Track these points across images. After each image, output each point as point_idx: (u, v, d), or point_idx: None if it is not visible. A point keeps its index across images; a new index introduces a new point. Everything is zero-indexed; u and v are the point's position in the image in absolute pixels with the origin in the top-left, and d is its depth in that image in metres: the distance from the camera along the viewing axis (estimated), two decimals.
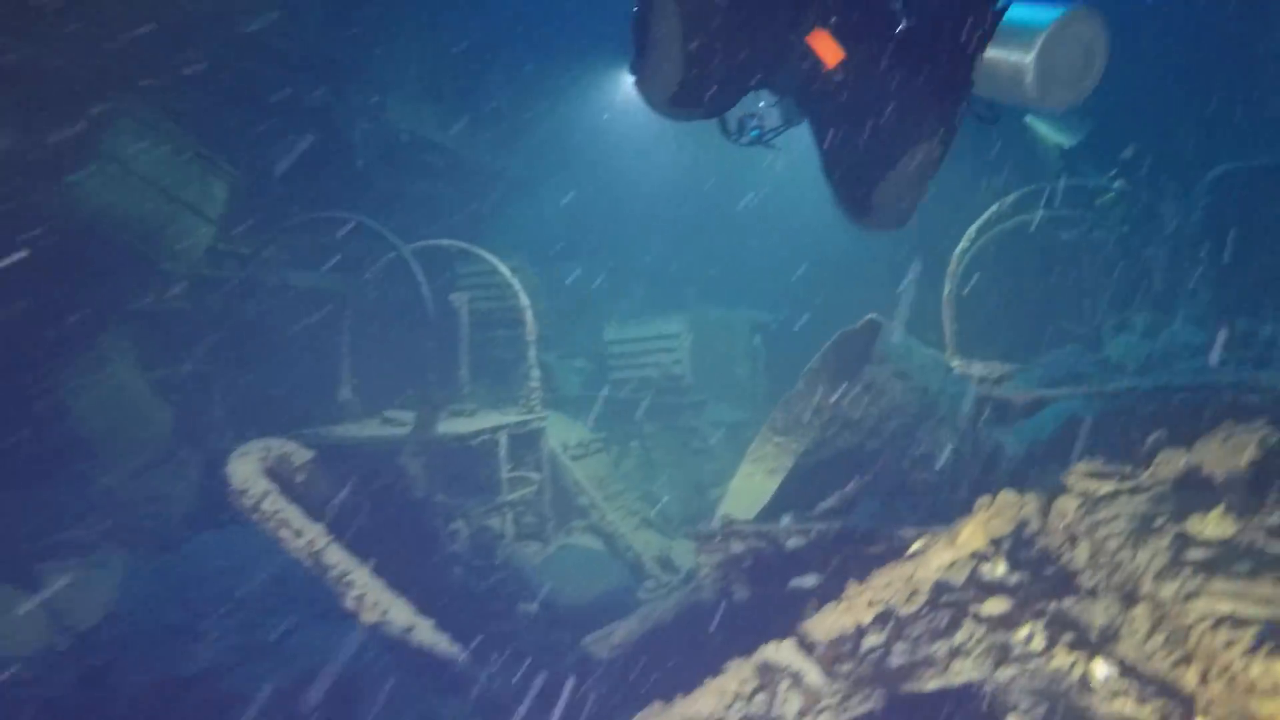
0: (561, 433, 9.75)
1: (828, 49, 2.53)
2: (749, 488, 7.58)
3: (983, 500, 2.67)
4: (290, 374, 10.42)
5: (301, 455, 3.38)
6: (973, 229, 8.95)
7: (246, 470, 2.98)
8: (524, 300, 8.20)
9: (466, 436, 6.75)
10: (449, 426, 7.51)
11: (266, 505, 2.94)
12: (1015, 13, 2.48)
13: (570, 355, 13.09)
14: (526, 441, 8.25)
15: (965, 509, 3.68)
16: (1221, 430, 2.58)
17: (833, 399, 5.61)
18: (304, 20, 10.84)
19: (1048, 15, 2.44)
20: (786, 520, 3.84)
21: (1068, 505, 2.67)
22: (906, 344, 6.40)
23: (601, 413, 12.17)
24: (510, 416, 8.11)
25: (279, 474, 3.20)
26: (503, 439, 7.44)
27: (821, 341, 7.88)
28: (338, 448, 6.14)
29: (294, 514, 2.99)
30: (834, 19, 2.57)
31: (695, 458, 11.99)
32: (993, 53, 2.48)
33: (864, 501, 4.18)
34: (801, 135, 2.95)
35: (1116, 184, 9.14)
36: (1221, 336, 7.02)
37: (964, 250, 9.41)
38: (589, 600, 6.49)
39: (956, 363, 8.29)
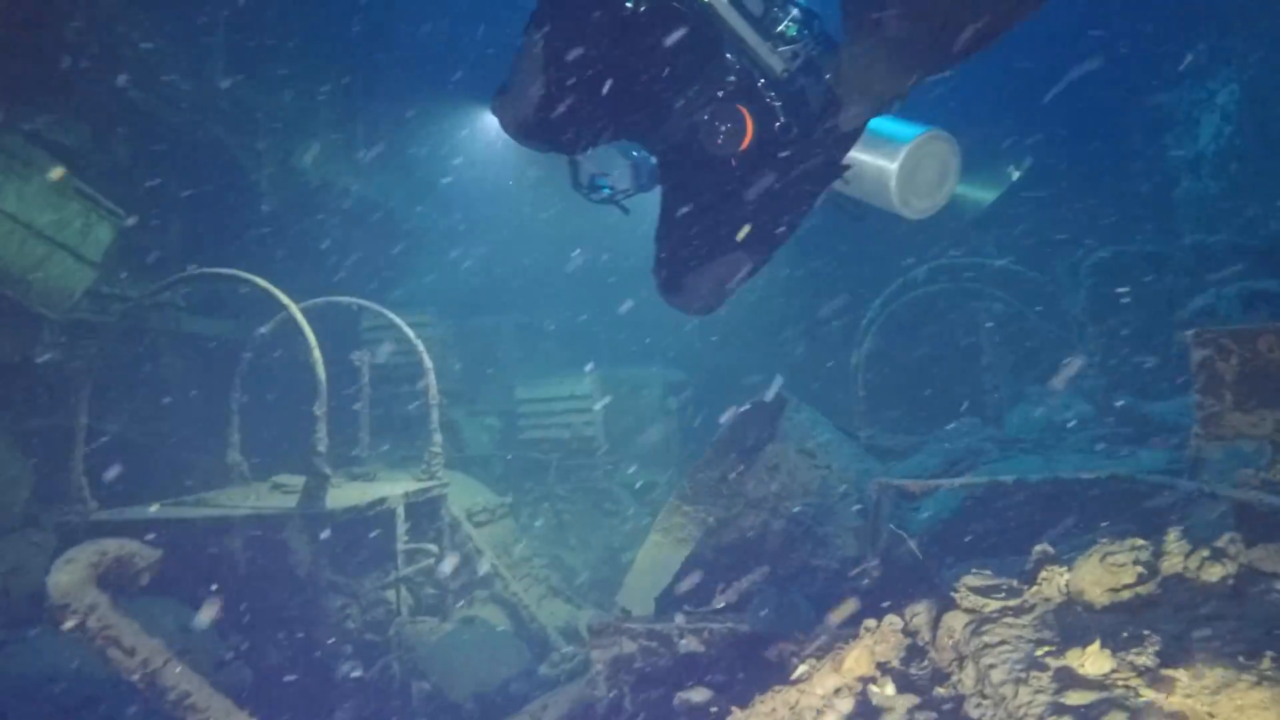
0: (465, 497, 9.40)
1: (749, 126, 2.54)
2: (656, 560, 7.40)
3: (869, 623, 2.58)
4: (175, 430, 9.80)
5: (147, 555, 3.04)
6: (879, 300, 9.17)
7: (70, 580, 2.65)
8: (426, 362, 7.91)
9: (360, 508, 6.38)
10: (345, 492, 7.12)
11: (93, 622, 2.61)
12: (885, 126, 2.61)
13: (480, 413, 12.75)
14: (426, 509, 7.88)
15: (865, 602, 3.60)
16: (1099, 549, 2.57)
17: (734, 476, 5.53)
18: (206, 57, 10.48)
19: (913, 130, 2.60)
20: (680, 619, 3.69)
21: (955, 623, 2.61)
22: (813, 419, 6.41)
23: (510, 474, 11.87)
24: (410, 483, 7.75)
25: (116, 578, 2.87)
26: (400, 508, 7.08)
27: (734, 406, 7.87)
28: (208, 523, 5.71)
29: (127, 629, 2.67)
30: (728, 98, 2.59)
31: (607, 520, 11.77)
32: (862, 157, 2.60)
33: (761, 593, 4.07)
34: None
35: (1006, 262, 9.56)
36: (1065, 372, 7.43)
37: (871, 320, 9.63)
38: (485, 682, 6.15)
39: (864, 434, 8.40)
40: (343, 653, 5.89)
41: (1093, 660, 2.06)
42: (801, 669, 2.54)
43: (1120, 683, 2.00)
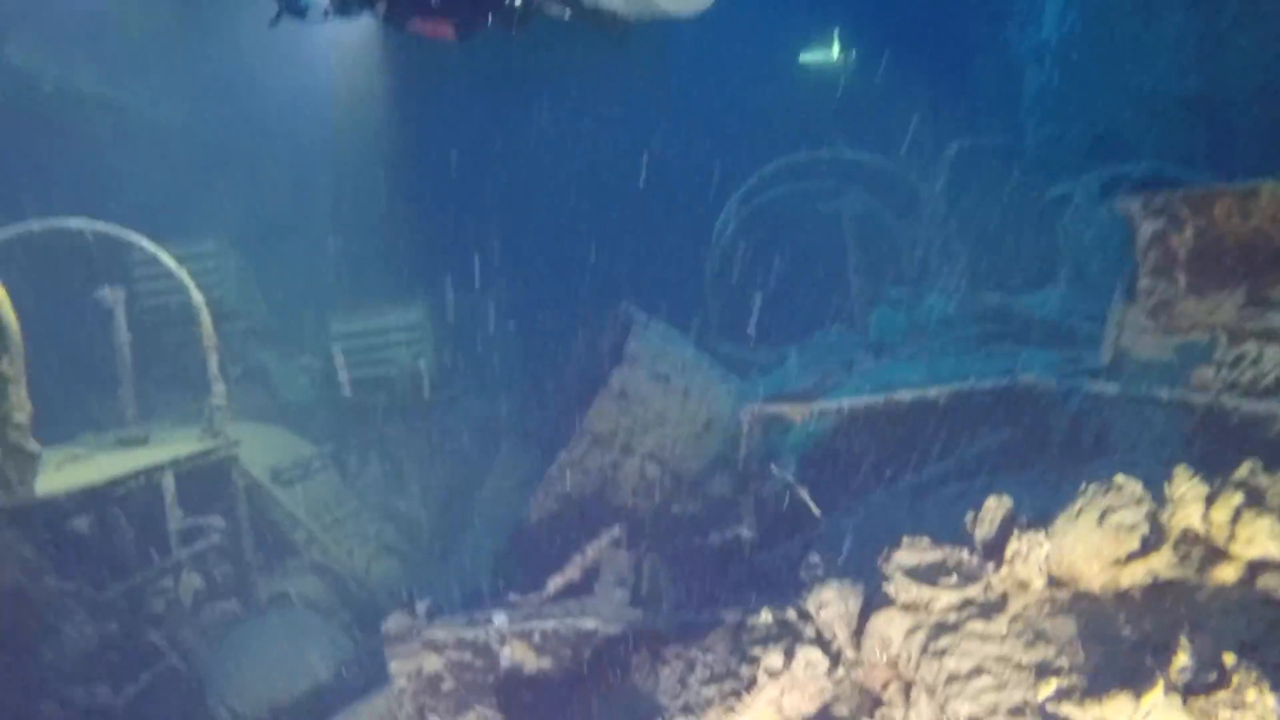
0: (271, 453, 7.96)
1: None
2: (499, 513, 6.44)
3: (770, 663, 1.65)
4: None
5: None
6: (732, 202, 8.34)
7: None
8: (196, 296, 6.37)
9: (96, 490, 4.92)
10: (91, 466, 5.60)
11: None
12: None
13: (295, 353, 11.08)
14: (212, 474, 6.45)
15: (742, 572, 2.75)
16: (1090, 502, 1.74)
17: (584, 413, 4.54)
18: None
19: None
20: (499, 619, 2.71)
21: (892, 629, 1.73)
22: (666, 336, 5.49)
23: (334, 419, 10.41)
24: (187, 445, 6.28)
25: None
26: (167, 480, 5.64)
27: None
28: None
29: None
30: None
31: (449, 462, 10.61)
32: None
33: (610, 563, 3.15)
34: None
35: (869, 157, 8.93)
36: None
37: (724, 223, 8.80)
38: (284, 688, 4.99)
39: (722, 349, 7.64)
40: (86, 673, 4.55)
41: (1156, 716, 1.21)
42: None
43: None
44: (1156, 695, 1.21)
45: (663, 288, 9.84)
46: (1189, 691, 1.23)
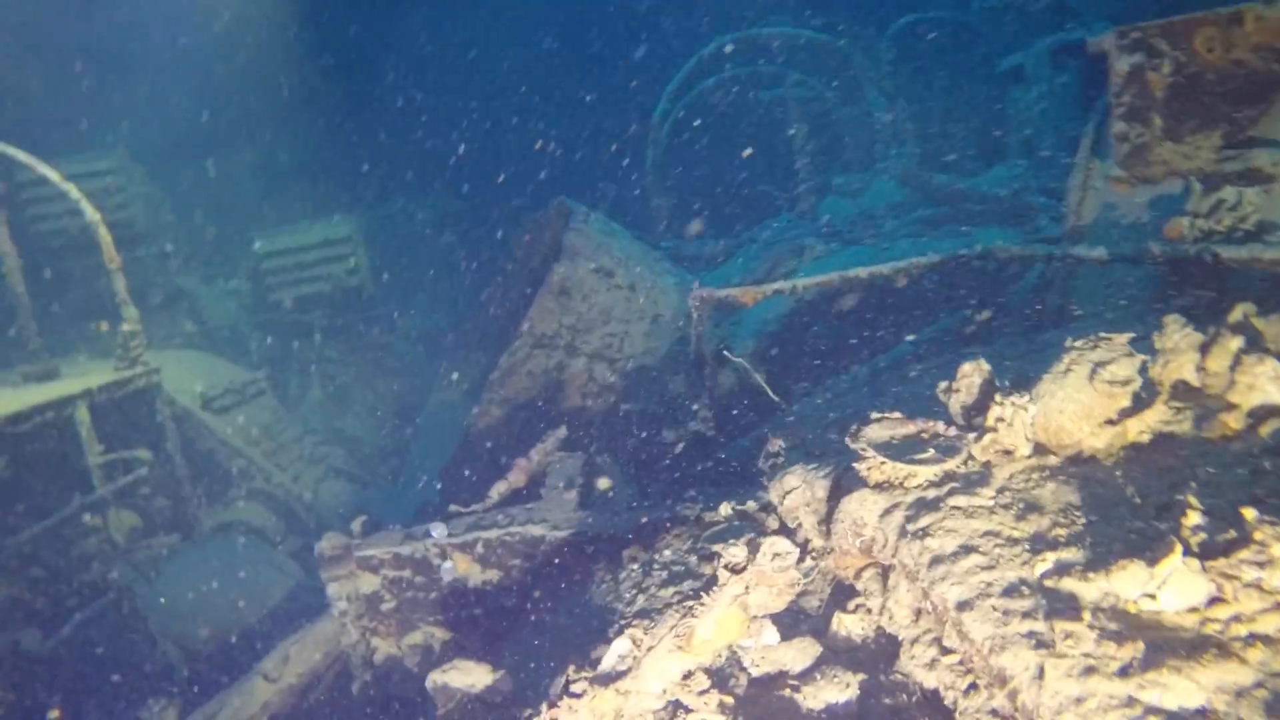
0: (200, 380, 7.54)
1: None
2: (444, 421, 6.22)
3: (731, 553, 1.46)
4: None
5: None
6: (670, 88, 7.88)
7: None
8: (90, 214, 5.81)
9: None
10: (3, 401, 5.18)
11: None
12: None
13: (220, 275, 10.46)
14: (134, 405, 6.06)
15: (700, 463, 2.58)
16: (1079, 358, 1.55)
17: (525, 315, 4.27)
18: None
19: None
20: (438, 530, 2.50)
21: (865, 511, 1.56)
22: (606, 229, 5.19)
23: (270, 342, 9.95)
24: (102, 375, 5.85)
25: None
26: (81, 413, 5.25)
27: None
28: None
29: None
30: None
31: (392, 378, 10.29)
32: None
33: (559, 465, 2.96)
34: None
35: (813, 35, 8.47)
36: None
37: (664, 113, 8.36)
38: (228, 619, 4.80)
39: (666, 244, 7.36)
40: (11, 619, 4.28)
41: (1175, 583, 1.05)
42: (620, 645, 1.42)
43: (1243, 630, 1.00)
44: (1174, 560, 1.06)
45: (604, 182, 9.44)
46: (1205, 553, 1.07)
